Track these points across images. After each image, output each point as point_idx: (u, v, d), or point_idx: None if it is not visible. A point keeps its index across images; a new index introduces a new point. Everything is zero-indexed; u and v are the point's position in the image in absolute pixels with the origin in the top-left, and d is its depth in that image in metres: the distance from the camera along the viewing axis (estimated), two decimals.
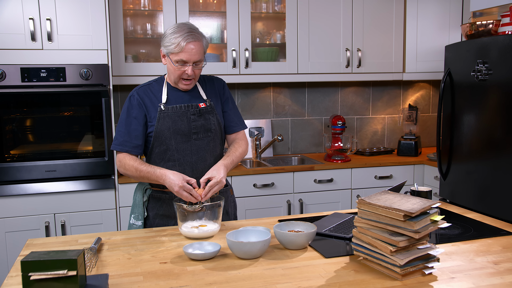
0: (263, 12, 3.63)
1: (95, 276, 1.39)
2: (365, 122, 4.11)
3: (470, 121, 2.79)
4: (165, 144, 1.98)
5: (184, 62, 1.91)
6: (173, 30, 1.92)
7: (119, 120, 2.00)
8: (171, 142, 1.98)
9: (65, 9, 2.84)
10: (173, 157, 1.99)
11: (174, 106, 1.98)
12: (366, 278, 1.41)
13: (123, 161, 1.96)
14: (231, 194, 2.17)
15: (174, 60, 1.91)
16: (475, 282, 1.38)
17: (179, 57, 1.90)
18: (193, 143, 2.00)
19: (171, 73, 1.98)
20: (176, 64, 1.92)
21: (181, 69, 1.93)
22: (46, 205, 2.88)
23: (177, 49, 1.88)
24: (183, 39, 1.87)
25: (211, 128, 2.03)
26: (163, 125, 1.96)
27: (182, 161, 1.99)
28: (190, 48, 1.89)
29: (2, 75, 2.74)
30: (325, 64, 3.58)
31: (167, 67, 2.00)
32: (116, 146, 1.98)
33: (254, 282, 1.39)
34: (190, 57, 1.90)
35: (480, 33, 2.82)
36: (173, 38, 1.89)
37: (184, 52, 1.89)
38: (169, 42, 1.90)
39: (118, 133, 1.98)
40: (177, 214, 1.82)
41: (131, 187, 3.01)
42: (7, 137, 2.87)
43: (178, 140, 1.98)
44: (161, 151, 2.00)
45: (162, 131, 1.97)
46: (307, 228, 1.72)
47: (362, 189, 3.47)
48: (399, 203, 1.45)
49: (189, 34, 1.89)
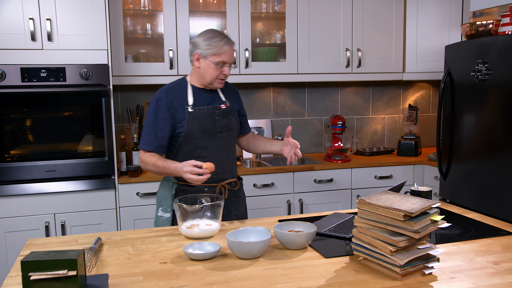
0: (263, 12, 3.63)
1: (95, 276, 1.39)
2: (365, 122, 4.11)
3: (470, 121, 2.79)
4: (194, 143, 2.14)
5: (224, 63, 2.11)
6: (211, 35, 2.11)
7: (146, 120, 2.13)
8: (200, 141, 2.14)
9: (65, 9, 2.84)
10: (201, 154, 2.15)
11: (201, 108, 2.14)
12: (366, 278, 1.41)
13: (142, 157, 2.12)
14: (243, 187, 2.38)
15: (216, 61, 2.09)
16: (475, 282, 1.38)
17: (221, 59, 2.09)
18: (219, 141, 2.18)
19: (207, 74, 2.12)
20: (218, 65, 2.09)
21: (220, 70, 2.11)
22: (46, 205, 2.88)
23: (220, 51, 2.08)
24: (225, 43, 2.09)
25: (233, 127, 2.23)
26: (192, 126, 2.12)
27: (210, 157, 2.14)
28: (231, 51, 2.12)
29: (2, 75, 2.74)
30: (325, 64, 3.58)
31: (200, 69, 2.13)
32: (143, 145, 2.12)
33: (254, 282, 1.39)
34: (230, 58, 2.12)
35: (480, 33, 2.82)
36: (215, 42, 2.08)
37: (226, 54, 2.10)
38: (210, 45, 2.08)
39: (145, 133, 2.12)
40: (177, 214, 1.83)
41: (131, 187, 3.01)
42: (7, 137, 2.87)
43: (206, 139, 2.15)
44: (189, 149, 2.15)
45: (191, 132, 2.12)
46: (307, 228, 1.72)
47: (362, 189, 3.47)
48: (399, 203, 1.45)
49: (229, 39, 2.13)
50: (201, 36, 2.13)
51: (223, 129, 2.18)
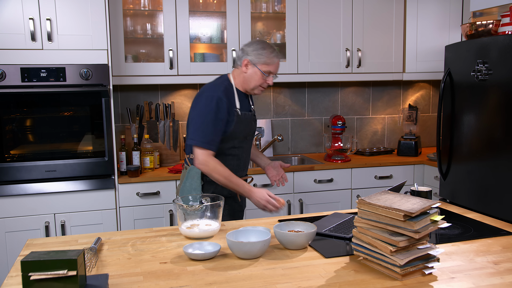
0: (263, 12, 3.63)
1: (95, 276, 1.39)
2: (365, 122, 4.11)
3: (470, 121, 2.79)
4: (231, 143, 2.27)
5: (271, 73, 2.26)
6: (262, 45, 2.26)
7: (205, 119, 2.14)
8: (236, 141, 2.29)
9: (65, 9, 2.84)
10: (234, 153, 2.29)
11: (246, 112, 2.30)
12: (366, 278, 1.41)
13: (213, 164, 2.16)
14: None
15: (264, 71, 2.24)
16: (475, 282, 1.38)
17: (269, 69, 2.24)
18: (247, 142, 2.37)
19: (252, 80, 2.26)
20: (265, 74, 2.24)
21: (265, 79, 2.26)
22: (46, 205, 2.88)
23: (270, 62, 2.24)
24: (276, 56, 2.26)
25: (254, 131, 2.43)
26: (238, 128, 2.25)
27: (239, 156, 2.32)
28: (278, 64, 2.29)
29: (2, 75, 2.74)
30: (325, 64, 3.58)
31: (246, 74, 2.26)
32: (205, 144, 2.14)
33: (254, 282, 1.39)
34: (276, 70, 2.29)
35: (480, 33, 2.82)
36: (267, 52, 2.23)
37: (275, 65, 2.27)
38: (261, 55, 2.23)
39: (205, 131, 2.14)
40: (177, 214, 1.83)
41: (131, 187, 3.01)
42: (7, 137, 2.87)
43: (242, 141, 2.31)
44: (225, 147, 2.25)
45: (235, 133, 2.25)
46: (307, 228, 1.72)
47: (362, 189, 3.47)
48: (399, 203, 1.45)
49: (278, 53, 2.29)
50: (253, 45, 2.27)
51: (253, 132, 2.40)
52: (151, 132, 3.38)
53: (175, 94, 3.64)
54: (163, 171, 3.22)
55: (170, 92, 3.63)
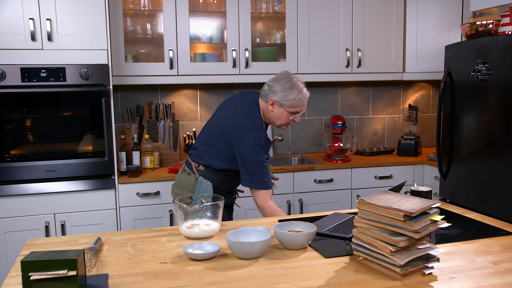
0: (263, 12, 3.63)
1: (95, 276, 1.39)
2: (365, 122, 4.11)
3: (470, 121, 2.79)
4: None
5: (298, 112, 2.22)
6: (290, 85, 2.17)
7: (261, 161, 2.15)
8: None
9: (65, 9, 2.84)
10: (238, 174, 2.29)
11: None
12: (366, 278, 1.41)
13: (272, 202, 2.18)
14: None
15: (290, 111, 2.19)
16: (475, 282, 1.38)
17: (295, 110, 2.20)
18: None
19: (278, 120, 2.24)
20: (291, 115, 2.21)
21: (291, 118, 2.22)
22: (46, 205, 2.88)
23: (297, 104, 2.18)
24: (304, 97, 2.20)
25: None
26: None
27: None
28: (306, 102, 2.23)
29: (2, 75, 2.74)
30: (325, 64, 3.58)
31: (273, 113, 2.22)
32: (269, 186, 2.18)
33: (254, 282, 1.39)
34: (303, 109, 2.25)
35: (480, 33, 2.82)
36: (295, 95, 2.17)
37: (302, 106, 2.21)
38: (287, 97, 2.16)
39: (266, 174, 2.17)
40: (177, 214, 1.83)
41: (131, 187, 3.01)
42: (7, 137, 2.87)
43: None
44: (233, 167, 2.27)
45: None
46: (307, 228, 1.72)
47: (362, 189, 3.47)
48: (399, 203, 1.45)
49: (306, 92, 2.21)
50: (280, 83, 2.18)
51: None
52: (151, 132, 3.38)
53: (175, 94, 3.64)
54: (163, 171, 3.22)
55: (170, 92, 3.63)
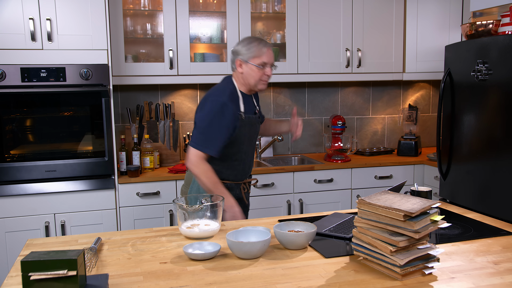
0: (263, 12, 3.63)
1: (95, 276, 1.39)
2: (365, 122, 4.11)
3: (470, 121, 2.79)
4: (237, 147, 2.25)
5: (265, 63, 2.22)
6: (248, 41, 2.24)
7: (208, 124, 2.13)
8: (243, 146, 2.28)
9: (65, 9, 2.84)
10: (240, 158, 2.29)
11: (249, 116, 2.27)
12: (366, 278, 1.41)
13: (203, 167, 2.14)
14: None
15: (257, 63, 2.20)
16: (475, 282, 1.38)
17: (261, 60, 2.21)
18: (252, 145, 2.35)
19: (251, 77, 2.23)
20: (259, 67, 2.21)
21: (262, 71, 2.22)
22: (46, 205, 2.88)
23: (259, 53, 2.20)
24: (263, 46, 2.22)
25: (258, 132, 2.41)
26: (242, 132, 2.24)
27: (245, 160, 2.32)
28: (269, 52, 2.23)
29: (2, 75, 2.74)
30: (325, 64, 3.58)
31: (243, 74, 2.24)
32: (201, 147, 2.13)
33: (254, 282, 1.39)
34: (270, 59, 2.23)
35: (480, 33, 2.82)
36: (253, 45, 2.21)
37: (265, 55, 2.22)
38: (249, 49, 2.21)
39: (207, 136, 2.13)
40: (177, 214, 1.83)
41: (131, 187, 3.01)
42: (7, 137, 2.87)
43: (247, 144, 2.30)
44: (231, 152, 2.24)
45: (240, 137, 2.24)
46: (307, 228, 1.72)
47: (362, 189, 3.47)
48: (399, 203, 1.45)
49: (266, 42, 2.25)
50: (240, 44, 2.26)
51: (256, 134, 2.37)
52: (151, 132, 3.38)
53: (175, 94, 3.64)
54: (163, 171, 3.22)
55: (170, 92, 3.63)
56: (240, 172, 2.32)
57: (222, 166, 2.25)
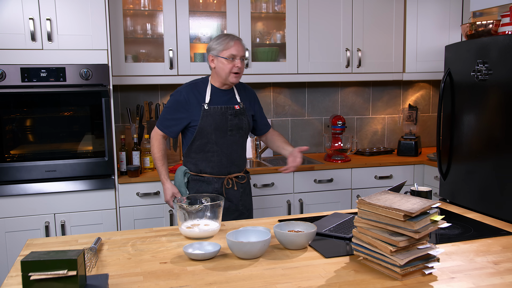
0: (263, 12, 3.63)
1: (95, 276, 1.39)
2: (365, 122, 4.11)
3: (470, 121, 2.79)
4: (206, 138, 2.37)
5: (234, 55, 2.31)
6: (218, 36, 2.38)
7: (167, 106, 2.41)
8: (212, 136, 2.37)
9: (65, 9, 2.84)
10: (212, 149, 2.38)
11: (215, 107, 2.37)
12: (366, 278, 1.41)
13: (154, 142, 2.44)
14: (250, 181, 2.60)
15: (225, 56, 2.31)
16: (475, 282, 1.38)
17: (229, 52, 2.31)
18: (229, 138, 2.40)
19: (221, 70, 2.34)
20: (228, 59, 2.30)
21: (231, 63, 2.31)
22: (46, 205, 2.88)
23: (227, 46, 2.31)
24: (231, 39, 2.33)
25: (243, 127, 2.44)
26: (206, 122, 2.35)
27: (220, 152, 2.39)
28: (237, 45, 2.33)
29: (2, 75, 2.74)
30: (325, 64, 3.58)
31: (215, 69, 2.37)
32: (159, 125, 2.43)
33: (254, 282, 1.39)
34: (238, 51, 2.32)
35: (480, 33, 2.82)
36: (222, 40, 2.33)
37: (233, 47, 2.31)
38: (218, 44, 2.33)
39: (162, 116, 2.42)
40: (177, 214, 1.83)
41: (131, 187, 3.01)
42: (7, 137, 2.87)
43: (217, 135, 2.37)
44: (202, 144, 2.38)
45: (204, 127, 2.35)
46: (307, 228, 1.72)
47: (362, 189, 3.47)
48: (399, 203, 1.45)
49: (233, 35, 2.37)
50: (212, 40, 2.39)
51: (233, 127, 2.40)
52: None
53: None
54: None
55: (170, 92, 3.63)
56: (217, 164, 2.40)
57: (197, 159, 2.40)
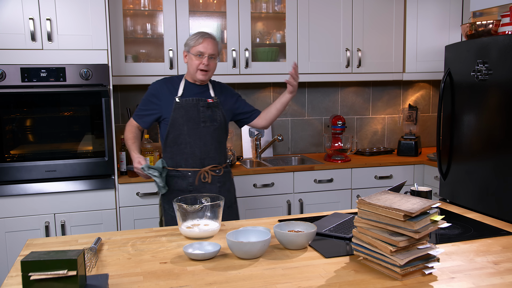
0: (263, 12, 3.63)
1: (95, 276, 1.39)
2: (365, 122, 4.11)
3: (470, 121, 2.79)
4: (179, 130, 2.39)
5: (202, 53, 2.35)
6: (193, 34, 2.44)
7: (143, 98, 2.49)
8: (184, 128, 2.39)
9: (65, 9, 2.84)
10: (185, 141, 2.40)
11: (187, 99, 2.40)
12: (366, 278, 1.41)
13: (128, 127, 2.50)
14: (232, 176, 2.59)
15: (194, 53, 2.36)
16: (475, 282, 1.38)
17: (198, 49, 2.36)
18: (201, 130, 2.41)
19: (190, 66, 2.40)
20: (196, 56, 2.36)
21: (200, 60, 2.36)
22: (46, 205, 2.88)
23: (196, 43, 2.37)
24: (200, 36, 2.38)
25: (217, 119, 2.44)
26: (178, 114, 2.38)
27: (192, 143, 2.40)
28: (206, 42, 2.37)
29: (2, 75, 2.74)
30: (325, 64, 3.58)
31: (187, 64, 2.43)
32: (134, 115, 2.51)
33: (254, 282, 1.39)
34: (206, 49, 2.36)
35: (480, 33, 2.82)
36: (193, 36, 2.40)
37: (202, 45, 2.36)
38: (190, 40, 2.40)
39: (139, 108, 2.49)
40: (177, 214, 1.83)
41: (131, 187, 3.02)
42: (7, 137, 2.87)
43: (189, 127, 2.39)
44: (175, 136, 2.40)
45: (176, 119, 2.38)
46: (307, 228, 1.72)
47: (362, 189, 3.47)
48: (399, 203, 1.45)
49: (205, 33, 2.41)
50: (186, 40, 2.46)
51: (206, 119, 2.42)
52: (151, 132, 3.38)
53: None
54: None
55: None
56: (191, 156, 2.41)
57: (173, 152, 2.42)
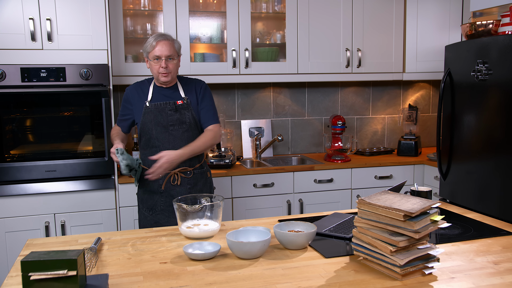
0: (263, 12, 3.63)
1: (95, 276, 1.39)
2: (365, 122, 4.11)
3: (470, 121, 2.79)
4: (148, 134, 2.44)
5: (158, 57, 2.36)
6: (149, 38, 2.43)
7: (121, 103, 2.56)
8: (153, 132, 2.42)
9: (65, 9, 2.84)
10: (155, 144, 2.43)
11: (156, 103, 2.43)
12: (366, 278, 1.41)
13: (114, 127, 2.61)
14: (208, 176, 2.59)
15: (151, 58, 2.38)
16: (475, 282, 1.38)
17: (153, 54, 2.37)
18: (170, 133, 2.43)
19: (152, 71, 2.43)
20: (154, 60, 2.37)
21: (158, 63, 2.37)
22: (46, 205, 2.88)
23: (151, 48, 2.37)
24: (154, 40, 2.38)
25: (186, 121, 2.45)
26: (147, 118, 2.43)
27: (162, 147, 2.41)
28: (160, 46, 2.36)
29: (2, 75, 2.74)
30: (325, 64, 3.58)
31: (150, 68, 2.44)
32: (117, 122, 2.60)
33: (254, 282, 1.39)
34: (162, 52, 2.36)
35: (480, 33, 2.82)
36: (147, 42, 2.40)
37: (156, 49, 2.36)
38: (145, 46, 2.41)
39: (119, 113, 2.57)
40: (177, 214, 1.83)
41: (131, 187, 3.02)
42: (7, 137, 2.87)
43: (158, 131, 2.42)
44: (146, 139, 2.46)
45: (146, 123, 2.43)
46: (307, 228, 1.72)
47: (362, 189, 3.47)
48: (399, 203, 1.45)
49: (159, 35, 2.40)
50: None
51: (174, 122, 2.43)
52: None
53: None
54: None
55: None
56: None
57: (145, 155, 2.45)
